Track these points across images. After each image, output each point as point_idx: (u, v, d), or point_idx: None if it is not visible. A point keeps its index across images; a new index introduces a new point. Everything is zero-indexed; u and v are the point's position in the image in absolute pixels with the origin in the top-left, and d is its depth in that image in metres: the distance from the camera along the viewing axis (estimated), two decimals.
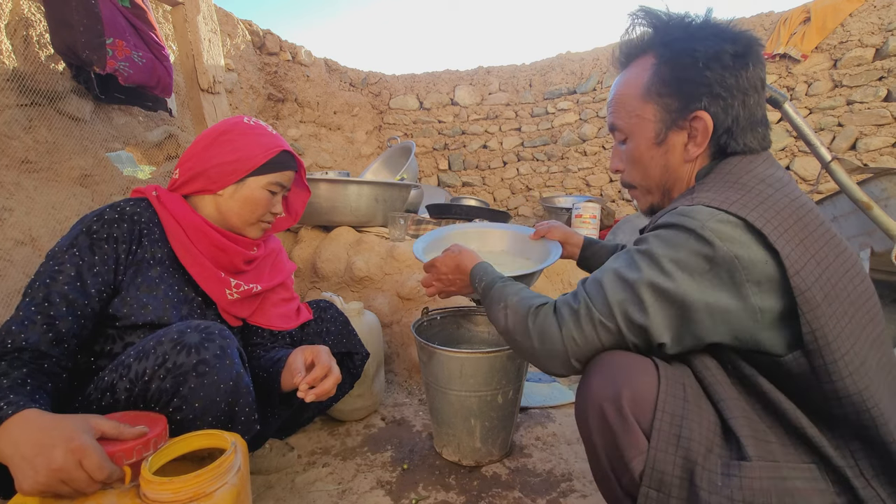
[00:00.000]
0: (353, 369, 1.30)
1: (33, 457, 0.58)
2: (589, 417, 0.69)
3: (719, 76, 0.68)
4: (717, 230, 0.60)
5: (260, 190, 0.98)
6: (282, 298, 1.14)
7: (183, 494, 0.61)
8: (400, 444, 1.36)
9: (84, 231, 0.84)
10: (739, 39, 0.70)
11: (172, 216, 0.93)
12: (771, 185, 0.66)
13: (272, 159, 0.98)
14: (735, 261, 0.59)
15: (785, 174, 0.71)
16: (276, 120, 4.03)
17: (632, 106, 0.75)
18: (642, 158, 0.76)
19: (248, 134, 0.98)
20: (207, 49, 2.14)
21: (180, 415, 0.75)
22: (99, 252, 0.83)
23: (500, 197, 4.95)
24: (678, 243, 0.63)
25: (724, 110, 0.69)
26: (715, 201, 0.64)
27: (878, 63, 3.45)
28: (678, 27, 0.72)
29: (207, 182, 0.96)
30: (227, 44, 3.36)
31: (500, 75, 4.81)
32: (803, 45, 3.58)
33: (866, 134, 3.53)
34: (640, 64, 0.75)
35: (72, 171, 1.88)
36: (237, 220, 0.99)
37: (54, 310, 0.76)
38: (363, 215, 2.10)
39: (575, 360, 0.70)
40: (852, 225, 1.47)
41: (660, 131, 0.73)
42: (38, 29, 1.88)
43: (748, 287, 0.60)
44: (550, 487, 1.15)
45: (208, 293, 0.97)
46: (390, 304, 1.87)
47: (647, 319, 0.64)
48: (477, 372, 1.18)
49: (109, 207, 0.89)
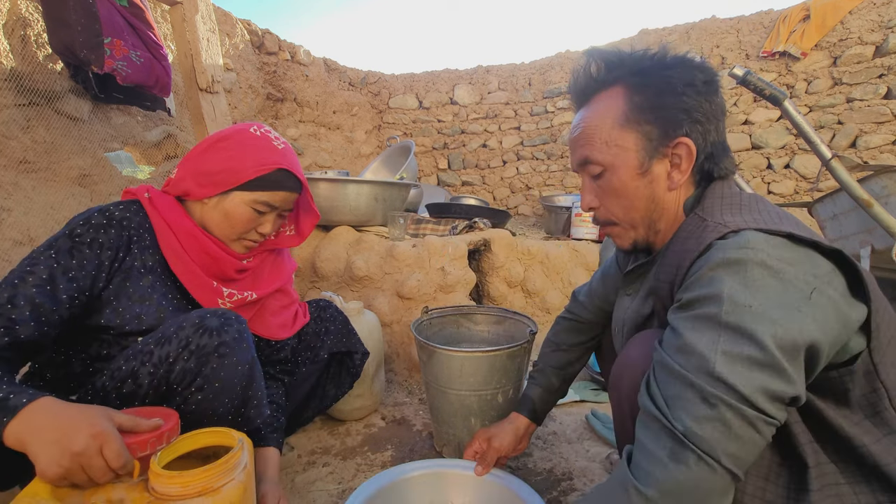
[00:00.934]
0: (352, 368, 1.29)
1: (56, 441, 0.58)
2: (623, 385, 0.70)
3: (696, 102, 0.67)
4: (784, 256, 0.55)
5: (242, 206, 0.92)
6: (281, 305, 1.11)
7: (191, 489, 0.62)
8: (400, 444, 1.36)
9: (67, 234, 0.81)
10: (705, 68, 0.70)
11: (164, 220, 0.90)
12: (761, 201, 0.67)
13: (263, 176, 0.91)
14: (815, 279, 0.55)
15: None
16: (275, 120, 4.03)
17: (609, 136, 0.70)
18: (626, 190, 0.71)
19: (246, 145, 0.92)
20: (206, 48, 2.13)
21: (201, 394, 0.77)
22: (78, 256, 0.80)
23: (499, 196, 4.95)
24: (766, 283, 0.53)
25: (703, 136, 0.68)
26: (752, 223, 0.59)
27: (878, 60, 3.45)
28: (645, 58, 0.70)
29: (195, 186, 0.92)
30: (225, 43, 3.36)
31: (500, 74, 4.81)
32: (803, 43, 3.58)
33: (866, 131, 3.53)
34: (606, 97, 0.72)
35: (70, 170, 1.88)
36: (217, 232, 0.94)
37: (16, 313, 0.73)
38: (363, 215, 2.10)
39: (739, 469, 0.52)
40: (853, 222, 1.47)
41: (643, 160, 0.69)
42: (35, 28, 1.87)
43: (836, 297, 0.55)
44: (551, 486, 1.15)
45: (200, 302, 0.94)
46: (390, 304, 1.87)
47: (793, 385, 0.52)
48: (477, 371, 1.18)
49: (98, 211, 0.85)
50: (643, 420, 0.57)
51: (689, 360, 0.54)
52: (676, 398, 0.54)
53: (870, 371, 0.57)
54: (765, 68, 3.83)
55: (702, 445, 0.51)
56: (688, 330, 0.56)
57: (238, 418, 0.82)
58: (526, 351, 1.24)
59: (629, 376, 0.69)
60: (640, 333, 0.73)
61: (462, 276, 1.89)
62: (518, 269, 2.29)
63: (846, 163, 1.24)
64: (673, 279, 0.66)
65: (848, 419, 0.58)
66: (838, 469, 0.58)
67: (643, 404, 0.58)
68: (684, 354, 0.55)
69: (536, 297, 2.34)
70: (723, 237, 0.60)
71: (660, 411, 0.55)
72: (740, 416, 0.51)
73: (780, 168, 3.83)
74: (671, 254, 0.68)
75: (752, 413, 0.51)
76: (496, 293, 2.26)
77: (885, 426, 0.57)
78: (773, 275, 0.54)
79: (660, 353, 0.59)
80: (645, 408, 0.58)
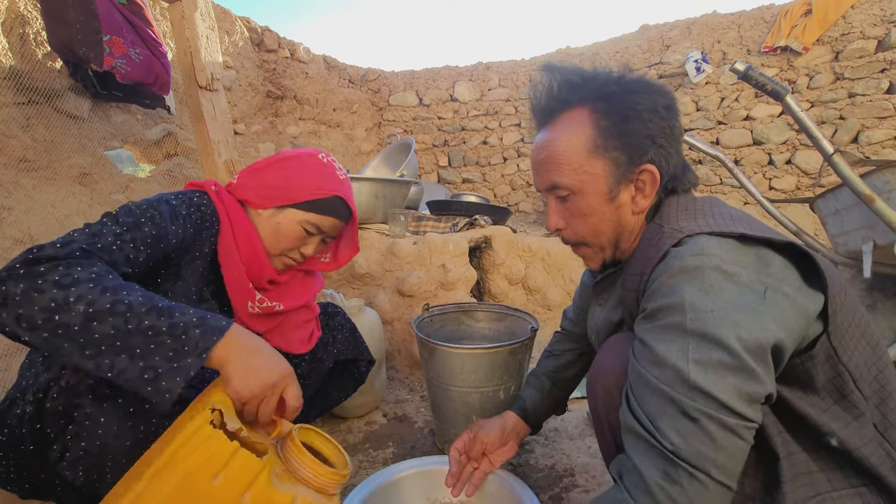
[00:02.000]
0: (357, 374, 1.29)
1: (256, 369, 0.64)
2: (597, 391, 0.74)
3: (659, 127, 0.68)
4: (736, 259, 0.57)
5: (293, 224, 0.95)
6: (304, 320, 1.12)
7: (316, 481, 0.66)
8: (402, 441, 1.36)
9: (165, 200, 0.84)
10: (665, 92, 0.71)
11: (228, 215, 0.93)
12: (716, 203, 0.69)
13: (319, 199, 0.95)
14: (769, 278, 0.56)
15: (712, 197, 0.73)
16: (275, 117, 4.02)
17: (577, 162, 0.70)
18: (594, 215, 0.72)
19: (308, 167, 0.96)
20: (205, 46, 2.13)
21: None
22: (176, 223, 0.82)
23: (500, 193, 4.94)
24: (722, 287, 0.55)
25: (666, 159, 0.70)
26: (706, 227, 0.62)
27: (881, 55, 3.43)
28: (609, 81, 0.70)
29: (254, 196, 0.95)
30: (225, 41, 3.35)
31: (500, 71, 4.79)
32: (804, 38, 3.56)
33: (868, 127, 3.52)
34: (571, 119, 0.71)
35: (70, 169, 1.88)
36: (265, 243, 0.97)
37: (126, 249, 0.73)
38: (363, 212, 2.10)
39: (730, 480, 0.53)
40: (855, 218, 1.46)
41: (612, 187, 0.71)
42: (34, 26, 1.87)
43: (791, 293, 0.56)
44: (553, 483, 1.15)
45: (232, 300, 0.95)
46: (391, 301, 1.87)
47: (764, 385, 0.53)
48: (478, 368, 1.18)
49: (183, 194, 0.88)
50: (630, 439, 0.58)
51: (664, 372, 0.55)
52: (659, 415, 0.55)
53: (830, 355, 0.58)
54: (766, 63, 3.82)
55: (691, 461, 0.52)
56: (657, 341, 0.57)
57: None
58: (527, 347, 1.24)
59: (602, 384, 0.73)
60: (610, 339, 0.76)
61: (463, 273, 1.89)
62: (519, 265, 2.29)
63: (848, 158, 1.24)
64: (637, 287, 0.67)
65: (816, 406, 0.59)
66: (810, 457, 0.59)
67: (627, 422, 0.59)
68: (658, 367, 0.56)
69: (537, 294, 2.34)
70: (678, 243, 0.61)
71: (645, 430, 0.55)
72: (722, 426, 0.52)
73: (782, 164, 3.82)
74: (634, 262, 0.70)
75: (732, 421, 0.52)
76: (497, 290, 2.26)
77: (854, 409, 0.58)
78: (728, 278, 0.55)
79: (634, 366, 0.60)
80: (629, 426, 0.58)
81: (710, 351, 0.53)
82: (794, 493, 0.57)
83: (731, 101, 3.97)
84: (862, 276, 1.36)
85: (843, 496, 0.57)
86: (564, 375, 1.10)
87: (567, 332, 1.12)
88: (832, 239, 1.64)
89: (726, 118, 3.99)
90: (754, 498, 0.60)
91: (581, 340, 1.09)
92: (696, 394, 0.53)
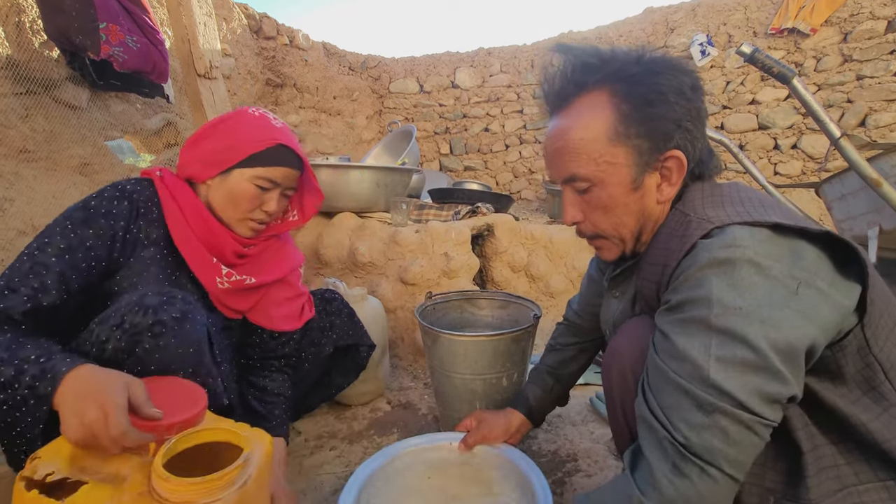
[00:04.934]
0: (358, 360, 1.30)
1: (74, 408, 0.62)
2: (612, 373, 0.74)
3: (685, 110, 0.64)
4: (770, 252, 0.54)
5: (244, 183, 0.92)
6: (286, 297, 1.10)
7: (179, 497, 0.60)
8: (406, 428, 1.37)
9: (81, 206, 0.83)
10: (689, 70, 0.66)
11: (172, 196, 0.91)
12: (743, 189, 0.66)
13: (262, 151, 0.91)
14: (802, 272, 0.54)
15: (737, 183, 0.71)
16: (275, 106, 3.99)
17: (597, 152, 0.65)
18: (616, 206, 0.68)
19: (245, 123, 0.93)
20: (203, 33, 2.10)
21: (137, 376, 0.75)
22: (94, 226, 0.82)
23: (502, 180, 4.91)
24: (753, 282, 0.52)
25: (692, 143, 0.65)
26: (736, 216, 0.58)
27: (891, 36, 3.36)
28: (629, 61, 0.65)
29: (198, 169, 0.93)
30: (223, 28, 3.31)
31: (502, 56, 4.73)
32: (812, 19, 3.49)
33: (876, 110, 3.46)
34: (588, 103, 0.66)
35: (71, 159, 1.87)
36: (222, 213, 0.94)
37: (38, 281, 0.75)
38: (365, 201, 2.09)
39: (740, 473, 0.53)
40: (861, 203, 1.45)
41: (636, 176, 0.66)
42: (30, 15, 1.85)
43: (824, 287, 0.54)
44: (556, 467, 1.16)
45: (198, 277, 0.94)
46: (394, 290, 1.87)
47: (789, 386, 0.51)
48: (481, 355, 1.18)
49: (110, 186, 0.88)
50: (643, 430, 0.57)
51: (683, 366, 0.54)
52: (673, 407, 0.54)
53: (862, 346, 0.56)
54: (773, 46, 3.75)
55: (703, 455, 0.51)
56: (678, 335, 0.55)
57: None
58: (530, 335, 1.24)
59: (617, 366, 0.73)
60: (627, 322, 0.75)
61: (465, 261, 1.88)
62: (521, 253, 2.28)
63: (855, 142, 1.22)
64: (659, 279, 0.64)
65: (845, 398, 0.57)
66: (837, 450, 0.58)
67: (641, 413, 0.58)
68: (677, 360, 0.54)
69: (540, 282, 2.33)
70: (707, 234, 0.58)
71: (658, 422, 0.55)
72: (737, 422, 0.51)
73: (788, 148, 3.77)
74: (655, 252, 0.66)
75: (748, 417, 0.51)
76: (500, 278, 2.26)
77: (884, 400, 0.57)
78: (760, 272, 0.53)
79: (653, 358, 0.58)
80: (643, 417, 0.57)
81: (734, 349, 0.51)
82: (820, 487, 0.56)
83: (736, 85, 3.91)
84: None
85: (870, 489, 0.56)
86: (567, 371, 1.10)
87: (571, 325, 1.12)
88: (837, 224, 1.63)
89: (731, 102, 3.94)
90: (775, 491, 0.59)
91: (584, 334, 1.09)
92: (713, 390, 0.51)
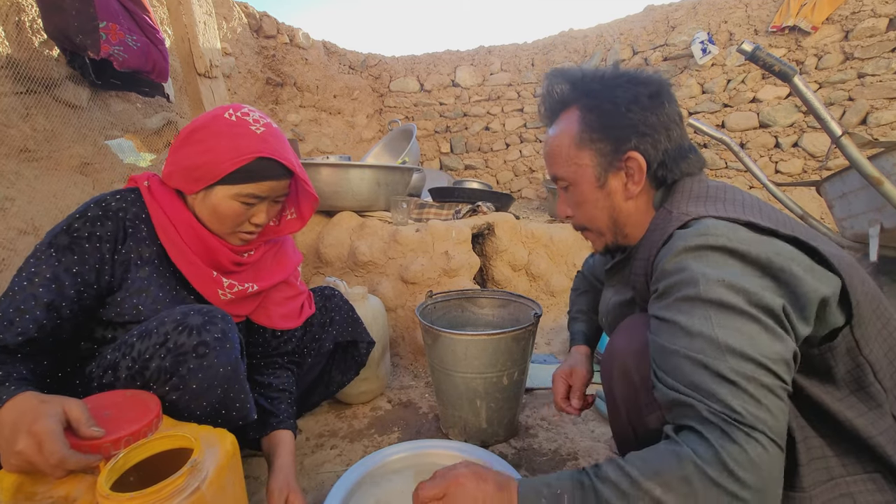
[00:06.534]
0: (357, 357, 1.30)
1: (7, 438, 0.61)
2: (613, 373, 0.76)
3: (641, 117, 0.73)
4: (743, 238, 0.58)
5: (227, 200, 0.86)
6: (285, 297, 1.09)
7: None
8: (407, 426, 1.37)
9: (65, 229, 0.80)
10: (651, 82, 0.75)
11: (162, 209, 0.87)
12: (730, 190, 0.70)
13: (243, 167, 0.85)
14: (777, 256, 0.57)
15: (724, 182, 0.76)
16: (275, 105, 3.99)
17: (568, 155, 0.78)
18: (588, 202, 0.80)
19: (222, 134, 0.85)
20: (203, 32, 2.10)
21: (176, 394, 0.75)
22: (79, 252, 0.80)
23: (503, 179, 4.91)
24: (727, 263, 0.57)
25: (654, 146, 0.73)
26: (714, 212, 0.64)
27: (892, 33, 3.35)
28: (594, 79, 0.77)
29: (181, 183, 0.88)
30: (223, 27, 3.30)
31: (502, 55, 4.72)
32: (814, 17, 3.48)
33: (877, 108, 3.45)
34: (566, 117, 0.80)
35: (71, 159, 1.87)
36: (210, 227, 0.90)
37: (28, 314, 0.74)
38: (365, 200, 2.09)
39: (782, 441, 0.52)
40: (862, 201, 1.44)
41: (600, 175, 0.77)
42: (30, 14, 1.85)
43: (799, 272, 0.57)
44: (556, 466, 1.16)
45: (201, 293, 0.92)
46: (394, 289, 1.87)
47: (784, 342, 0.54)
48: (481, 354, 1.19)
49: (94, 203, 0.84)
50: (678, 411, 0.55)
51: (693, 341, 0.55)
52: (697, 383, 0.53)
53: (851, 347, 0.58)
54: (774, 44, 3.74)
55: (746, 420, 0.50)
56: (677, 314, 0.57)
57: (218, 419, 0.79)
58: (531, 333, 1.24)
59: (618, 365, 0.75)
60: (624, 322, 0.78)
61: (466, 260, 1.88)
62: (522, 252, 2.28)
63: (856, 140, 1.22)
64: (646, 270, 0.71)
65: (831, 395, 0.60)
66: (825, 443, 0.60)
67: (668, 398, 0.56)
68: (687, 337, 0.55)
69: (541, 281, 2.33)
70: (684, 226, 0.64)
71: (691, 398, 0.53)
72: (762, 386, 0.51)
73: (789, 146, 3.77)
74: (643, 247, 0.74)
75: (769, 380, 0.51)
76: (500, 277, 2.26)
77: (871, 400, 0.59)
78: (733, 255, 0.57)
79: (657, 342, 0.59)
80: (674, 400, 0.55)
81: (731, 317, 0.54)
82: (811, 476, 0.59)
83: (737, 84, 3.90)
84: (868, 260, 1.35)
85: (857, 481, 0.58)
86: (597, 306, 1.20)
87: (587, 275, 1.24)
88: (838, 222, 1.63)
89: (732, 101, 3.93)
90: None
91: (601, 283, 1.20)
92: (729, 356, 0.52)
